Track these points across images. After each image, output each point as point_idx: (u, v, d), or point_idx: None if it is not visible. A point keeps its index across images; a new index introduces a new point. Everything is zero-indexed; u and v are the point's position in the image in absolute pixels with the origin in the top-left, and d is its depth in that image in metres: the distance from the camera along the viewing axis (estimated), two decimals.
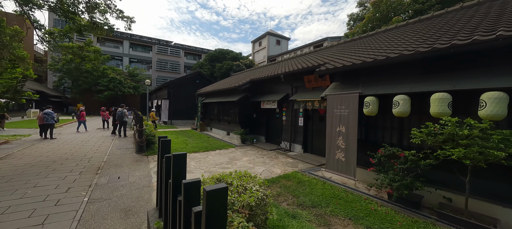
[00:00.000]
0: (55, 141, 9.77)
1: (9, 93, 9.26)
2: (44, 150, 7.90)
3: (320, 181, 5.16)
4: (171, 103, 19.66)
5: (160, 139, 2.62)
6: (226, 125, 12.30)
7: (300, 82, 8.21)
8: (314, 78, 7.56)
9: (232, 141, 10.90)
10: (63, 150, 7.91)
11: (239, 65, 35.42)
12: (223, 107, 12.53)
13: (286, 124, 9.09)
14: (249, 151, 8.69)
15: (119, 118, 11.23)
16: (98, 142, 9.88)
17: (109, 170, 5.80)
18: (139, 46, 43.92)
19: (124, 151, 8.16)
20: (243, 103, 10.61)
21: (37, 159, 6.57)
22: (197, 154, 8.04)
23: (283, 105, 9.22)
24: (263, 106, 9.99)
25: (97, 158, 7.02)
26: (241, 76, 15.30)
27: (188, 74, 21.53)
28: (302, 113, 8.29)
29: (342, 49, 8.55)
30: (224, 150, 8.74)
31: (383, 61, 4.31)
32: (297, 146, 8.45)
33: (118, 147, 8.88)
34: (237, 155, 7.96)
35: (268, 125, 10.45)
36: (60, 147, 8.51)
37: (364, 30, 15.72)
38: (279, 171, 6.07)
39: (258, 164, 6.76)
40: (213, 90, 13.50)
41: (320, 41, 41.71)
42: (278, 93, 9.35)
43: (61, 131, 13.33)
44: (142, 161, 6.80)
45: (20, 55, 8.12)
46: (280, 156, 7.87)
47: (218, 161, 7.00)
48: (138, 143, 7.77)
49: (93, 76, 30.82)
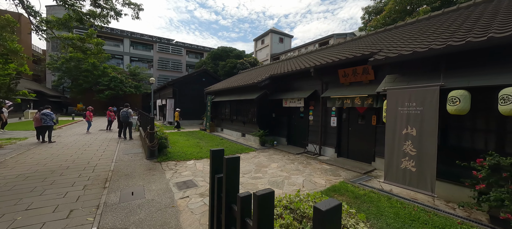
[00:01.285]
0: (53, 145, 8.75)
1: (2, 91, 8.24)
2: (42, 156, 6.89)
3: (383, 196, 4.16)
4: (176, 102, 18.63)
5: (213, 152, 1.66)
6: (240, 126, 11.30)
7: (333, 77, 7.21)
8: (352, 72, 6.56)
9: (249, 143, 9.91)
10: (63, 156, 6.91)
11: (243, 63, 34.46)
12: (237, 106, 11.52)
13: (314, 124, 8.09)
14: (274, 155, 7.70)
15: (124, 119, 10.21)
16: (102, 146, 8.87)
17: (119, 182, 4.80)
18: (140, 45, 42.82)
19: (133, 156, 7.15)
20: (262, 101, 9.61)
21: (33, 169, 5.56)
22: None
23: (309, 103, 8.22)
24: (285, 105, 8.99)
25: (103, 166, 6.02)
26: (254, 72, 14.29)
27: (194, 72, 20.53)
28: (334, 112, 7.29)
29: (377, 41, 7.54)
30: (245, 155, 7.74)
31: (494, 41, 3.25)
32: (328, 149, 7.46)
33: (125, 151, 7.88)
34: (262, 160, 6.96)
35: (289, 125, 9.45)
36: (60, 152, 7.50)
37: (383, 22, 14.71)
38: (322, 181, 5.07)
39: (292, 172, 5.76)
40: (225, 87, 12.48)
41: (326, 38, 40.81)
42: (304, 90, 8.35)
43: (61, 133, 12.31)
44: (156, 169, 5.80)
45: (12, 48, 7.10)
46: (312, 161, 6.87)
47: (244, 169, 6.00)
48: (149, 148, 6.77)
49: (94, 75, 29.75)
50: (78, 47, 7.60)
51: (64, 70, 29.41)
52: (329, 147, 7.45)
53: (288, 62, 12.33)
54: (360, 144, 6.64)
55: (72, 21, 6.95)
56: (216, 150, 1.84)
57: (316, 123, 7.92)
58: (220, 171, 1.78)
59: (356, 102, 6.15)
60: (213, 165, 1.84)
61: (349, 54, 6.48)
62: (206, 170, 5.79)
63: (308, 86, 8.25)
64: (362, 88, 6.20)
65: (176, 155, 7.24)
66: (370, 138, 6.32)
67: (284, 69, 9.38)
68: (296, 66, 9.01)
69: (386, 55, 4.58)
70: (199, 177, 5.26)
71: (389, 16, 14.52)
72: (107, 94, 29.46)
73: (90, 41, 7.76)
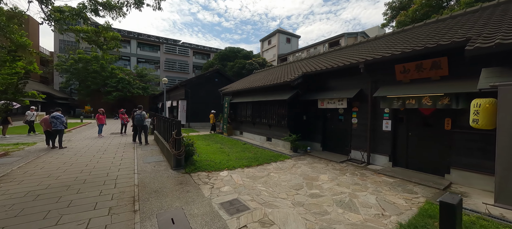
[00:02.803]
0: (65, 151, 7.92)
1: (9, 92, 7.44)
2: (53, 165, 6.02)
3: (502, 226, 3.14)
4: (188, 103, 17.79)
5: None
6: (264, 129, 10.33)
7: (387, 73, 6.21)
8: (416, 67, 5.54)
9: (278, 149, 8.93)
10: (77, 166, 6.03)
11: (252, 63, 33.70)
12: (261, 108, 10.56)
13: (358, 128, 7.08)
14: (315, 164, 6.70)
15: (139, 122, 9.32)
16: (118, 152, 7.99)
17: (150, 202, 3.86)
18: (146, 46, 42.36)
19: (156, 166, 6.24)
20: (293, 102, 8.63)
21: (44, 183, 4.67)
22: (251, 169, 6.07)
23: (352, 104, 7.22)
24: (321, 106, 8.00)
25: (125, 178, 5.11)
26: (275, 72, 13.32)
27: (206, 72, 19.67)
28: (388, 114, 6.27)
29: (425, 34, 6.50)
30: (282, 163, 6.76)
31: None
32: (380, 157, 6.43)
33: (145, 159, 6.97)
34: (306, 171, 5.97)
35: (325, 129, 8.44)
36: (73, 160, 6.63)
37: (413, 17, 13.61)
38: (401, 201, 4.05)
39: (352, 187, 4.75)
40: (246, 88, 11.53)
41: (336, 37, 39.85)
42: (346, 89, 7.34)
43: (71, 137, 11.53)
44: (189, 183, 4.86)
45: (20, 42, 6.28)
46: (365, 172, 5.85)
47: (291, 183, 5.02)
48: (176, 157, 5.84)
49: (102, 77, 29.24)
50: (94, 41, 6.73)
51: (72, 72, 28.96)
52: (380, 155, 6.42)
53: (310, 61, 11.36)
54: (426, 153, 5.60)
55: (86, 11, 6.10)
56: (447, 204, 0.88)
57: (362, 127, 6.91)
58: None
59: (425, 102, 5.13)
60: None
61: (416, 45, 5.45)
62: (248, 185, 4.83)
63: (351, 85, 7.26)
64: (432, 86, 5.17)
65: (204, 164, 6.30)
66: (441, 146, 5.28)
67: (317, 67, 8.39)
68: (331, 63, 8.03)
69: (500, 41, 3.55)
70: (244, 194, 4.30)
71: (419, 10, 13.43)
72: (115, 95, 28.88)
73: (106, 34, 6.89)
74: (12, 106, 8.38)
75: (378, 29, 44.05)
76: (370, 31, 42.79)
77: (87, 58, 28.55)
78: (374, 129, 6.57)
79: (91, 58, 28.82)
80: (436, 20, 7.57)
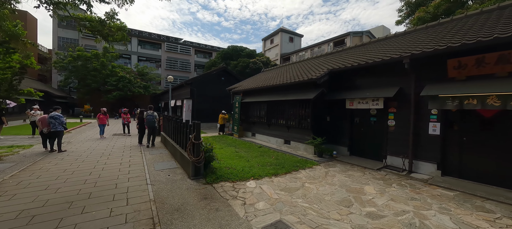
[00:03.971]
0: (64, 155, 7.09)
1: (3, 89, 6.61)
2: (52, 174, 5.20)
3: None
4: (194, 103, 16.98)
5: None
6: (282, 131, 9.54)
7: (435, 70, 5.46)
8: (475, 62, 4.78)
9: (298, 152, 8.15)
10: (80, 174, 5.21)
11: (256, 62, 32.96)
12: (278, 108, 9.76)
13: (396, 131, 6.31)
14: (350, 171, 5.92)
15: (150, 124, 8.51)
16: (124, 156, 7.18)
17: (175, 227, 3.07)
18: (147, 44, 41.46)
19: (171, 174, 5.44)
20: (316, 102, 7.85)
21: (41, 198, 3.86)
22: (281, 178, 5.29)
23: (389, 104, 6.45)
24: (350, 106, 7.23)
25: (138, 191, 4.30)
26: (284, 70, 12.53)
27: (213, 70, 18.86)
28: (436, 116, 5.51)
29: (470, 25, 5.76)
30: (312, 171, 5.98)
31: None
32: (425, 165, 5.66)
33: (156, 165, 6.17)
34: (345, 180, 5.19)
35: (352, 132, 7.67)
36: (74, 167, 5.81)
37: (434, 13, 12.87)
38: (485, 224, 3.28)
39: (415, 204, 3.97)
40: (260, 86, 10.73)
41: (341, 36, 39.16)
42: (381, 87, 6.57)
43: (70, 138, 10.68)
44: (214, 198, 4.07)
45: (12, 31, 5.45)
46: (414, 182, 5.08)
47: (335, 197, 4.24)
48: (195, 164, 5.05)
49: (102, 75, 28.29)
50: (98, 31, 5.93)
51: (71, 70, 28.00)
52: (426, 162, 5.65)
53: (331, 58, 10.60)
54: (487, 161, 4.84)
55: None
56: None
57: (402, 130, 6.14)
58: None
59: (490, 102, 4.37)
60: None
61: (476, 37, 4.67)
62: (286, 200, 4.04)
63: (386, 83, 6.49)
64: (498, 84, 4.41)
65: (225, 172, 5.51)
66: (508, 154, 4.52)
67: (347, 63, 7.62)
68: (361, 59, 7.26)
69: None
70: (287, 214, 3.51)
71: (441, 5, 12.68)
72: (115, 94, 27.94)
73: (112, 24, 6.09)
74: (5, 105, 7.55)
75: (383, 29, 43.98)
76: (375, 31, 42.54)
77: (86, 56, 27.59)
78: (418, 132, 5.80)
79: (91, 55, 27.88)
80: (480, 12, 6.82)
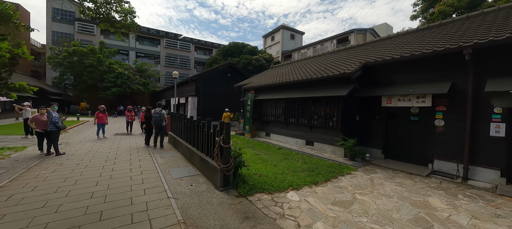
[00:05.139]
0: (63, 159, 6.18)
1: None
2: (50, 185, 4.31)
3: None
4: (200, 100, 16.07)
5: None
6: (303, 131, 8.72)
7: (501, 62, 4.70)
8: None
9: (325, 155, 7.37)
10: (83, 185, 4.33)
11: (259, 59, 32.15)
12: (298, 106, 8.94)
13: (446, 132, 5.56)
14: (397, 178, 5.16)
15: (157, 123, 7.60)
16: (133, 160, 6.29)
17: None
18: (146, 40, 40.17)
19: (194, 184, 4.59)
20: (347, 99, 7.06)
21: (38, 221, 2.99)
22: (323, 188, 4.49)
23: (436, 102, 5.69)
24: (387, 104, 6.46)
25: (159, 208, 3.45)
26: (298, 65, 11.71)
27: (219, 66, 17.90)
28: (500, 116, 4.76)
29: None
30: (352, 178, 5.20)
31: None
32: (485, 171, 4.93)
33: (173, 171, 5.30)
34: (399, 191, 4.42)
35: (388, 132, 6.91)
36: (76, 175, 4.92)
37: (457, 6, 12.18)
38: None
39: (507, 223, 3.22)
40: (277, 82, 9.87)
41: (345, 34, 38.49)
42: (430, 82, 5.78)
43: (68, 138, 9.72)
44: (257, 217, 3.25)
45: (2, 10, 4.51)
46: (481, 193, 4.33)
47: (403, 214, 3.45)
48: (224, 172, 4.21)
49: (99, 71, 27.07)
50: (103, 16, 5.02)
51: (66, 65, 26.70)
52: (486, 168, 4.91)
53: (350, 52, 9.82)
54: None
55: None
56: None
57: (454, 131, 5.39)
58: None
59: None
60: None
61: None
62: (348, 219, 3.24)
63: (436, 78, 5.72)
64: None
65: (256, 180, 4.69)
66: None
67: (386, 55, 6.83)
68: (400, 51, 6.48)
69: None
70: None
71: None
72: (113, 91, 26.74)
73: (120, 6, 5.18)
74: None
75: (386, 26, 44.02)
76: (378, 28, 42.60)
77: (82, 51, 26.31)
78: (476, 134, 5.05)
79: (87, 51, 26.60)
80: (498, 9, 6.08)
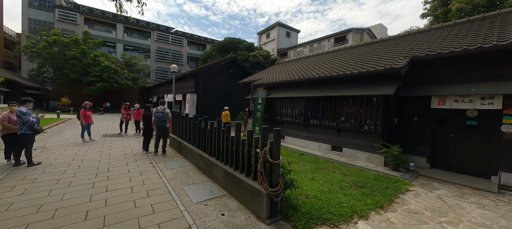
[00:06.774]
0: (38, 171, 4.69)
1: None
2: (17, 218, 2.92)
3: None
4: (199, 97, 14.65)
5: None
6: (329, 134, 7.66)
7: None
8: None
9: (358, 163, 6.37)
10: (66, 219, 2.98)
11: (256, 55, 31.08)
12: (322, 106, 7.86)
13: None
14: (470, 197, 4.21)
15: (160, 124, 6.20)
16: (132, 172, 4.92)
17: None
18: (135, 31, 37.68)
19: (226, 211, 3.36)
20: (387, 99, 6.08)
21: None
22: (394, 214, 3.44)
23: (505, 104, 4.82)
24: (439, 105, 5.53)
25: None
26: (313, 60, 10.67)
27: (220, 60, 16.48)
28: None
29: None
30: (417, 197, 4.20)
31: None
32: None
33: (190, 192, 4.03)
34: (491, 216, 3.46)
35: (435, 138, 6.01)
36: (57, 198, 3.52)
37: (475, 4, 11.66)
38: None
39: None
40: (296, 79, 8.70)
41: (343, 32, 38.31)
42: (499, 80, 4.89)
43: (46, 139, 8.06)
44: None
45: None
46: None
47: None
48: (272, 197, 3.03)
49: (82, 64, 24.67)
50: None
51: (45, 57, 24.03)
52: None
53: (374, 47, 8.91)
54: None
55: None
56: None
57: None
58: None
59: None
60: None
61: None
62: None
63: (498, 75, 4.84)
64: None
65: (305, 204, 3.55)
66: None
67: (442, 48, 5.89)
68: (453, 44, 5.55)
69: None
70: None
71: None
72: (99, 86, 24.46)
73: None
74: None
75: (381, 27, 45.04)
76: (374, 29, 43.59)
77: (64, 41, 23.78)
78: None
79: (70, 41, 24.10)
80: None
